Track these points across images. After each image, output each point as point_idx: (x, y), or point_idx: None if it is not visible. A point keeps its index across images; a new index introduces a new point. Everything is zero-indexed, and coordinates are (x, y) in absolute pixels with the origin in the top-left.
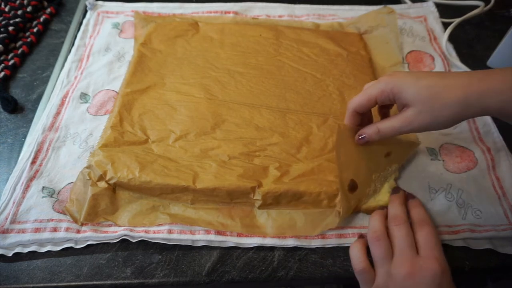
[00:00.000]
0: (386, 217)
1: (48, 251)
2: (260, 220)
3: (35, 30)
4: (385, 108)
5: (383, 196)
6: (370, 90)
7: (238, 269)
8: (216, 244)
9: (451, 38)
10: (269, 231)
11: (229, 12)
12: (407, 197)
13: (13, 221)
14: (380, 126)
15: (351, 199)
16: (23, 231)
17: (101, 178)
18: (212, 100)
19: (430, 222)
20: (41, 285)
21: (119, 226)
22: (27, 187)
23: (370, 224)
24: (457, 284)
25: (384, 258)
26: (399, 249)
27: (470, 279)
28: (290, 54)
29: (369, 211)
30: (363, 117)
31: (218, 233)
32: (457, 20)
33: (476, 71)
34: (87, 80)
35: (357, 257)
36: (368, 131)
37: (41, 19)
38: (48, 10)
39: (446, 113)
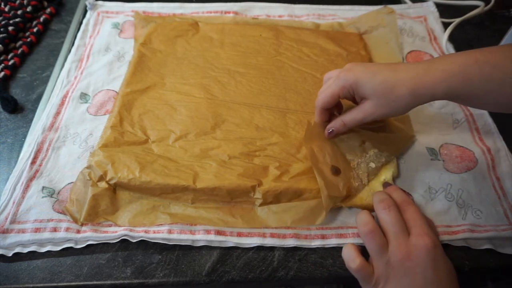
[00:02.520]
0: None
1: (48, 251)
2: (261, 216)
3: (35, 30)
4: None
5: None
6: (332, 88)
7: (238, 269)
8: (216, 244)
9: (451, 38)
10: (271, 223)
11: (229, 12)
12: (383, 186)
13: (13, 221)
14: (345, 119)
15: (339, 182)
16: (23, 231)
17: (102, 178)
18: (212, 100)
19: (412, 202)
20: (41, 285)
21: (119, 226)
22: (27, 187)
23: (359, 219)
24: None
25: (381, 249)
26: (393, 235)
27: (470, 279)
28: (290, 54)
29: (368, 209)
30: (332, 109)
31: (218, 233)
32: (457, 20)
33: (423, 61)
34: (87, 80)
35: (350, 256)
36: (335, 125)
37: (41, 19)
38: (48, 10)
39: (401, 103)
